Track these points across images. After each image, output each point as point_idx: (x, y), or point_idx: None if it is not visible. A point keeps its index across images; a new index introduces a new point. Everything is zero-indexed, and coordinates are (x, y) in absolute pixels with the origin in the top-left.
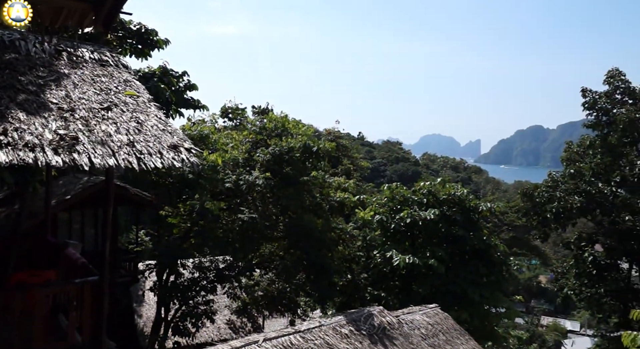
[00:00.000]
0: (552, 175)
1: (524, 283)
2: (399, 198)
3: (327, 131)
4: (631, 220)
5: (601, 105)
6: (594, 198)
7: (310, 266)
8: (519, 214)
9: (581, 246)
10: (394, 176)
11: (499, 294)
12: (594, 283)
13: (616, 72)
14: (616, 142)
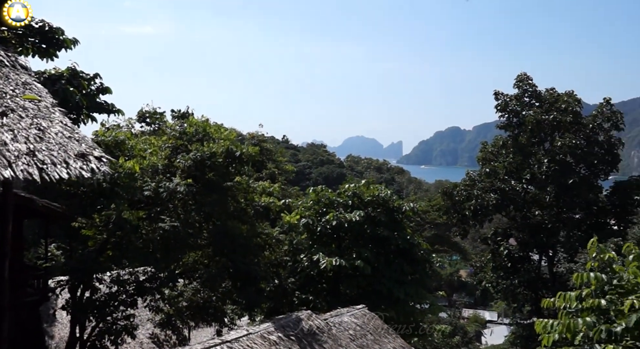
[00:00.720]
0: (470, 174)
1: (446, 279)
2: (324, 201)
3: (250, 135)
4: (540, 214)
5: (512, 108)
6: (507, 195)
7: (236, 273)
8: (440, 212)
9: (497, 241)
10: (320, 179)
11: (423, 291)
12: (509, 275)
13: (524, 76)
14: (526, 142)
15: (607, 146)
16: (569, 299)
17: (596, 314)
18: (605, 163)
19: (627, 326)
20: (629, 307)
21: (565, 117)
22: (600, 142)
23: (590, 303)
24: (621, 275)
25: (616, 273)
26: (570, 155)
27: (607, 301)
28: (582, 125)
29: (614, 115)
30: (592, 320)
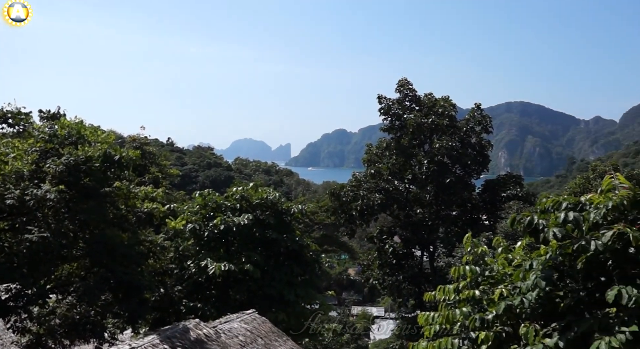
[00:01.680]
0: (356, 175)
1: (335, 278)
2: (211, 205)
3: (131, 138)
4: (421, 212)
5: (394, 111)
6: (391, 195)
7: (118, 285)
8: (328, 213)
9: (382, 239)
10: (207, 182)
11: (313, 292)
12: (394, 272)
13: (405, 81)
14: (407, 144)
15: (478, 147)
16: (447, 292)
17: (471, 304)
18: (477, 164)
19: (496, 313)
20: (499, 296)
21: (442, 120)
22: (473, 144)
23: (466, 294)
24: (492, 266)
25: (488, 265)
26: (447, 156)
27: (480, 291)
28: (457, 128)
29: (484, 119)
30: (467, 310)
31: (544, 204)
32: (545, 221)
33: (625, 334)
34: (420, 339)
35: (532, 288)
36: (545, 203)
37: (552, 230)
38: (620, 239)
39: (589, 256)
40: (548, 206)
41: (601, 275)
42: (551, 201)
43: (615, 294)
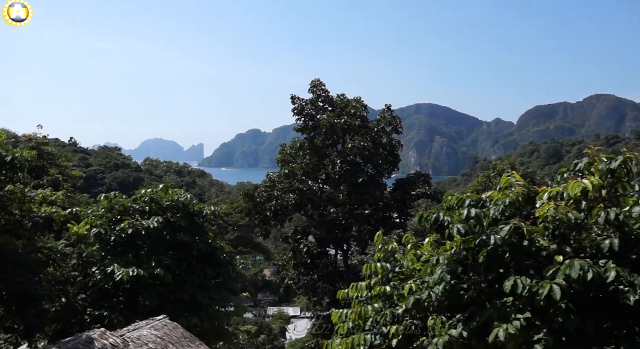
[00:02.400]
0: (270, 175)
1: (251, 279)
2: (118, 208)
3: (26, 137)
4: (335, 211)
5: (307, 111)
6: (305, 195)
7: (11, 296)
8: (242, 214)
9: (297, 239)
10: (114, 185)
11: (227, 294)
12: (309, 271)
13: (318, 82)
14: (321, 144)
15: (389, 147)
16: (360, 289)
17: (383, 300)
18: (389, 163)
19: (406, 307)
20: (408, 290)
21: (355, 121)
22: (384, 144)
23: (377, 291)
24: (402, 262)
25: (398, 261)
26: (360, 156)
27: (391, 287)
28: (368, 129)
29: (394, 120)
30: (379, 306)
31: (449, 201)
32: (450, 218)
33: (520, 320)
34: (334, 337)
35: (439, 281)
36: (450, 201)
37: (456, 226)
38: (516, 233)
39: (489, 250)
40: (453, 203)
41: (500, 267)
42: (455, 198)
43: (512, 285)
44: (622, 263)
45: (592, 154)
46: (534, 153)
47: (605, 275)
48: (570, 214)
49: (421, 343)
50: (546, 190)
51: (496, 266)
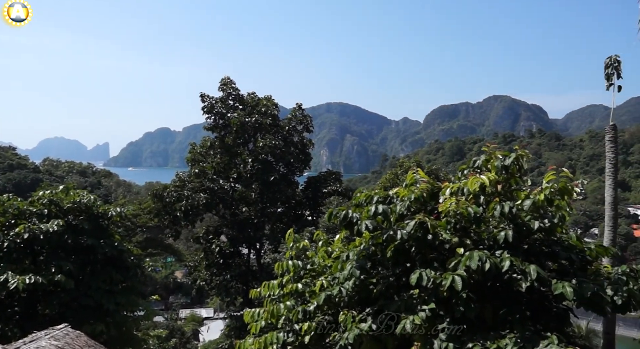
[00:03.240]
0: (180, 175)
1: (161, 282)
2: (12, 212)
3: None
4: (247, 210)
5: (218, 110)
6: (217, 194)
7: None
8: (151, 215)
9: (209, 239)
10: (9, 186)
11: (135, 299)
12: (222, 271)
13: (228, 80)
14: (232, 143)
15: (300, 146)
16: (272, 287)
17: (295, 297)
18: (300, 161)
19: (317, 304)
20: (319, 287)
21: (266, 119)
22: (295, 142)
23: (289, 288)
24: (313, 259)
25: (309, 259)
26: (271, 154)
27: (303, 284)
28: (280, 127)
29: (305, 119)
30: (291, 304)
31: (358, 198)
32: (359, 215)
33: (425, 311)
34: (247, 336)
35: (349, 277)
36: (359, 198)
37: (364, 222)
38: (421, 227)
39: (397, 245)
40: (362, 200)
41: (407, 261)
42: (364, 195)
43: (417, 277)
44: (515, 253)
45: (488, 152)
46: (440, 151)
47: (501, 265)
48: (470, 208)
49: (333, 338)
50: (448, 186)
51: (403, 260)
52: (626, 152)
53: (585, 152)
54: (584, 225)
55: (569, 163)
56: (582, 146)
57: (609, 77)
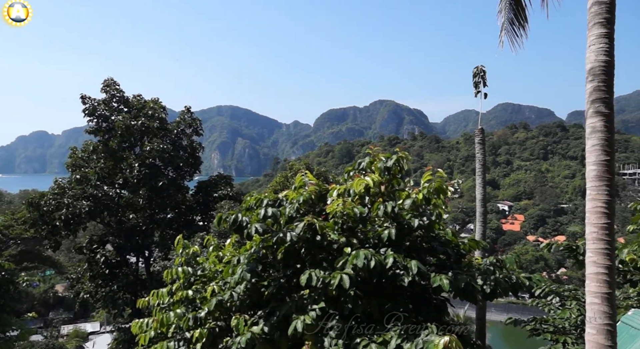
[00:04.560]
0: (59, 181)
1: (40, 297)
2: None
3: None
4: (135, 217)
5: (101, 112)
6: (101, 201)
7: None
8: (26, 225)
9: (93, 249)
10: None
11: (7, 318)
12: (108, 282)
13: (111, 81)
14: (117, 147)
15: (190, 150)
16: (161, 295)
17: (185, 304)
18: (190, 165)
19: (208, 310)
20: (211, 293)
21: (153, 123)
22: (185, 146)
23: (180, 296)
24: (204, 265)
25: (200, 264)
26: (159, 158)
27: (193, 291)
28: (168, 131)
29: (194, 122)
30: (181, 311)
31: (248, 202)
32: (249, 218)
33: (315, 311)
34: (135, 348)
35: (240, 281)
36: (249, 201)
37: (254, 225)
38: (310, 229)
39: (287, 247)
40: (252, 203)
41: (297, 262)
42: (254, 199)
43: (307, 278)
44: (398, 250)
45: (372, 154)
46: (329, 154)
47: (385, 262)
48: (356, 209)
49: (225, 343)
50: (335, 188)
51: (293, 262)
52: (495, 153)
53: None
54: (462, 221)
55: (447, 164)
56: (459, 148)
57: (476, 85)
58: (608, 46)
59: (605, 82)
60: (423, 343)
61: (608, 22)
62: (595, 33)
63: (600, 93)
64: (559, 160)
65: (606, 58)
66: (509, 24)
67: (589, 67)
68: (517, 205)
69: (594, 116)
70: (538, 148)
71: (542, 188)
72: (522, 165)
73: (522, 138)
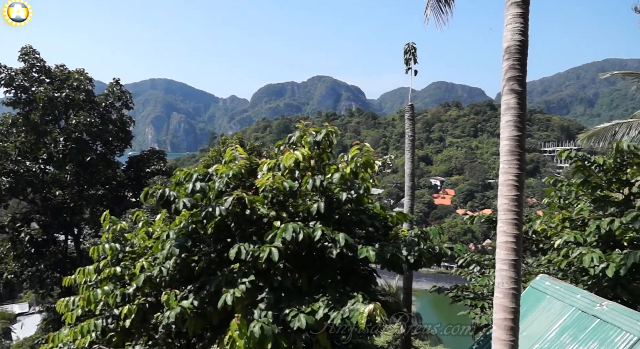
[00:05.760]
0: None
1: None
2: None
3: None
4: (62, 194)
5: (19, 83)
6: (23, 177)
7: None
8: None
9: (16, 228)
10: None
11: None
12: (34, 261)
13: (30, 49)
14: (39, 120)
15: (120, 124)
16: (88, 273)
17: (114, 281)
18: (120, 140)
19: (137, 286)
20: (140, 269)
21: (78, 95)
22: (114, 120)
23: (107, 273)
24: (133, 241)
25: (128, 241)
26: (86, 132)
27: (122, 267)
28: (95, 104)
29: (124, 95)
30: (109, 288)
31: (178, 177)
32: (177, 193)
33: (245, 284)
34: (62, 327)
35: (169, 256)
36: (178, 176)
37: (182, 200)
38: (239, 203)
39: (217, 221)
40: (181, 178)
41: (227, 237)
42: (183, 173)
43: (236, 252)
44: (327, 223)
45: (302, 128)
46: (267, 129)
47: (314, 235)
48: (286, 183)
49: (156, 318)
50: (265, 162)
51: (224, 236)
52: (429, 130)
53: (397, 130)
54: (396, 196)
55: (383, 140)
56: (394, 125)
57: (407, 62)
58: (523, 26)
59: (520, 60)
60: (349, 312)
61: (523, 2)
62: (511, 12)
63: (514, 71)
64: (488, 138)
65: (521, 38)
66: (435, 0)
67: (505, 46)
68: (448, 180)
69: (508, 93)
70: (469, 126)
71: (471, 164)
72: (453, 142)
73: (454, 116)
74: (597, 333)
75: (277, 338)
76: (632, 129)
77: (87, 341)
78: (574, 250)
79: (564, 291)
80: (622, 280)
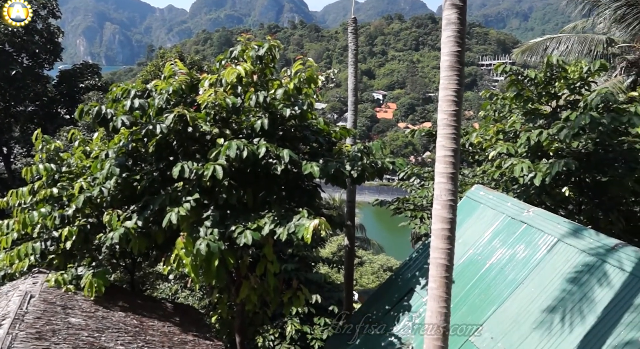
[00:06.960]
0: None
1: None
2: None
3: None
4: None
5: None
6: None
7: None
8: None
9: None
10: None
11: None
12: None
13: None
14: None
15: (47, 34)
16: (22, 195)
17: (51, 203)
18: (48, 52)
19: (77, 207)
20: (79, 190)
21: None
22: (40, 30)
23: (43, 194)
24: (69, 161)
25: (65, 161)
26: (9, 43)
27: (59, 188)
28: None
29: (49, 2)
30: (47, 210)
31: (114, 93)
32: (115, 110)
33: (190, 202)
34: None
35: (109, 176)
36: (115, 92)
37: (120, 118)
38: (181, 120)
39: (158, 139)
40: (118, 94)
41: (170, 155)
42: (121, 89)
43: (179, 170)
44: (271, 140)
45: (244, 42)
46: (208, 41)
47: (258, 152)
48: (228, 99)
49: (99, 239)
50: (207, 77)
51: (166, 155)
52: (371, 44)
53: (340, 43)
54: (339, 110)
55: (326, 53)
56: (338, 38)
57: None
58: None
59: None
60: (295, 227)
61: None
62: None
63: None
64: (429, 51)
65: None
66: None
67: None
68: (390, 94)
69: (449, 8)
70: (411, 39)
71: (413, 78)
72: (396, 56)
73: (396, 29)
74: (524, 237)
75: (223, 254)
76: (561, 44)
77: (26, 265)
78: (506, 161)
79: (496, 200)
80: (547, 188)
